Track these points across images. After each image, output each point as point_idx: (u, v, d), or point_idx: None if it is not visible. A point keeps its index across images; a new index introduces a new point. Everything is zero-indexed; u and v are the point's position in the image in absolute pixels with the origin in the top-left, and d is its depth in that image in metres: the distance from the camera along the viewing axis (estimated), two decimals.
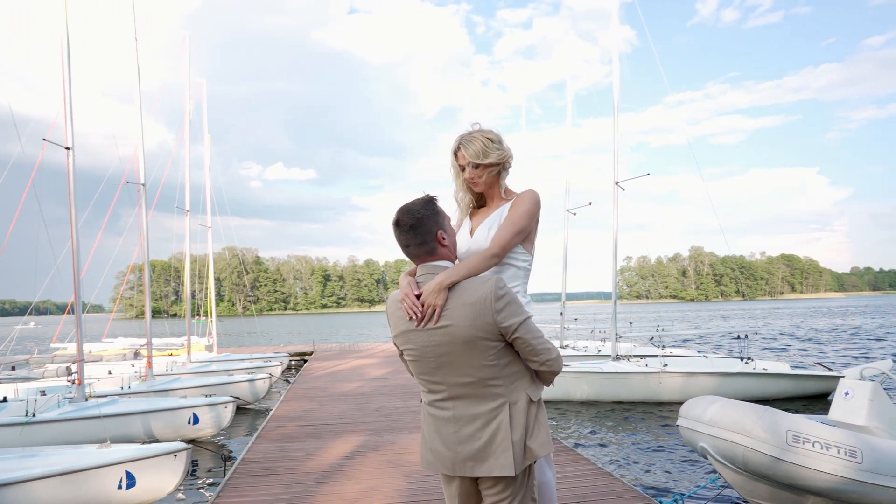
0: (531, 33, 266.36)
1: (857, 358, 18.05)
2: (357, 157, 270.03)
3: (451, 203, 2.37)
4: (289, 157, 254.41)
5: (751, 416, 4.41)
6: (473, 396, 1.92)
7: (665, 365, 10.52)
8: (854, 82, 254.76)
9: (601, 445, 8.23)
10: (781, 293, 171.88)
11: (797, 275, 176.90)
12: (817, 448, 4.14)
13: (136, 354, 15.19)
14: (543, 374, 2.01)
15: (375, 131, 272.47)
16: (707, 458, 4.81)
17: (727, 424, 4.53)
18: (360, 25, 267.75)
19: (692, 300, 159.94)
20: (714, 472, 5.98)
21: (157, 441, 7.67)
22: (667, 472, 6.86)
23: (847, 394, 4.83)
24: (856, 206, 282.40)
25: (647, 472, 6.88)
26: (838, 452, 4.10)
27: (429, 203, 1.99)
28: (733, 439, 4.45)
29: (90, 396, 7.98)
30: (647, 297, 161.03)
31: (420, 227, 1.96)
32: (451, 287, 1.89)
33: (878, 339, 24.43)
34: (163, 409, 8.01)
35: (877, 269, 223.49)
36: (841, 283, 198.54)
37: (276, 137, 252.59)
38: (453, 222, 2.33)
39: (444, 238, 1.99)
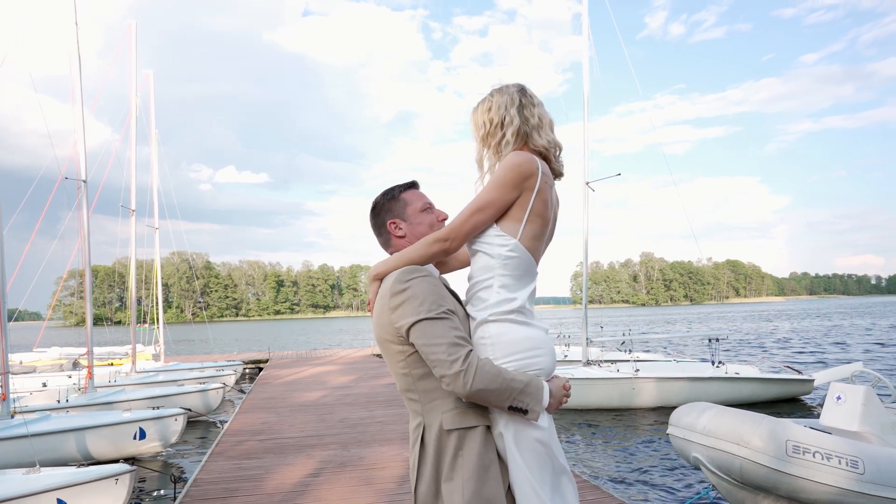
0: (487, 40, 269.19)
1: (818, 360, 18.51)
2: (311, 161, 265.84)
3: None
4: (241, 160, 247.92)
5: (748, 425, 4.20)
6: (408, 406, 1.68)
7: (637, 370, 10.39)
8: (791, 96, 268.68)
9: (580, 455, 7.90)
10: (727, 297, 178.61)
11: (741, 280, 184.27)
12: (818, 458, 3.96)
13: (75, 364, 14.12)
14: None
15: (330, 135, 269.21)
16: (700, 469, 4.58)
17: (723, 434, 4.31)
18: (315, 28, 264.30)
19: (643, 305, 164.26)
20: (707, 483, 5.78)
21: (97, 461, 6.95)
22: (654, 483, 6.54)
23: (839, 398, 4.69)
24: (794, 215, 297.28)
25: (633, 483, 6.58)
26: (840, 463, 3.92)
27: (389, 191, 1.81)
28: (730, 450, 4.23)
29: (15, 412, 7.17)
30: (600, 302, 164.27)
31: (375, 218, 1.80)
32: (383, 278, 1.66)
33: (835, 342, 25.20)
34: (104, 424, 7.27)
35: (812, 274, 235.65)
36: (781, 287, 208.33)
37: (228, 140, 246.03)
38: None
39: (398, 228, 1.77)
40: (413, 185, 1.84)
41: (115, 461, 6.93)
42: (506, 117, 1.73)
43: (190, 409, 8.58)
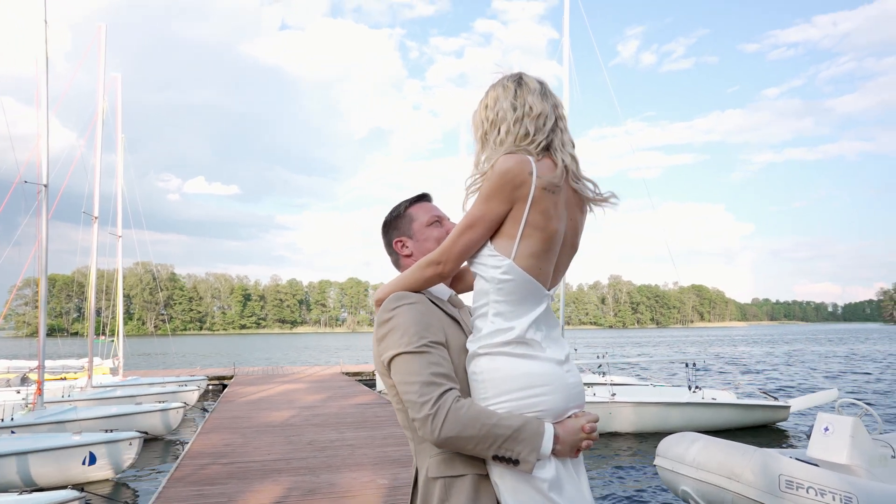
0: (463, 62, 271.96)
1: (785, 386, 18.70)
2: (283, 175, 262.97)
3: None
4: (211, 171, 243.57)
5: (739, 458, 4.07)
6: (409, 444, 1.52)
7: (613, 394, 10.26)
8: (755, 128, 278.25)
9: None
10: (692, 321, 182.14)
11: (706, 304, 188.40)
12: (812, 494, 3.83)
13: (24, 379, 13.32)
14: None
15: (303, 149, 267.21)
16: (689, 503, 4.42)
17: (713, 466, 4.16)
18: (291, 42, 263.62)
19: (610, 327, 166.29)
20: None
21: (40, 489, 6.44)
22: None
23: (826, 429, 4.59)
24: (757, 242, 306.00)
25: None
26: (834, 499, 3.80)
27: (395, 207, 1.66)
28: (720, 483, 4.09)
29: None
30: (568, 323, 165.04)
31: (384, 238, 1.67)
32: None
33: (801, 369, 25.57)
34: (50, 447, 6.76)
35: (774, 300, 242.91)
36: (744, 312, 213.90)
37: (198, 150, 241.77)
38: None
39: (404, 247, 1.62)
40: (422, 198, 1.66)
41: (63, 488, 6.43)
42: (499, 112, 1.48)
43: (146, 433, 8.08)
